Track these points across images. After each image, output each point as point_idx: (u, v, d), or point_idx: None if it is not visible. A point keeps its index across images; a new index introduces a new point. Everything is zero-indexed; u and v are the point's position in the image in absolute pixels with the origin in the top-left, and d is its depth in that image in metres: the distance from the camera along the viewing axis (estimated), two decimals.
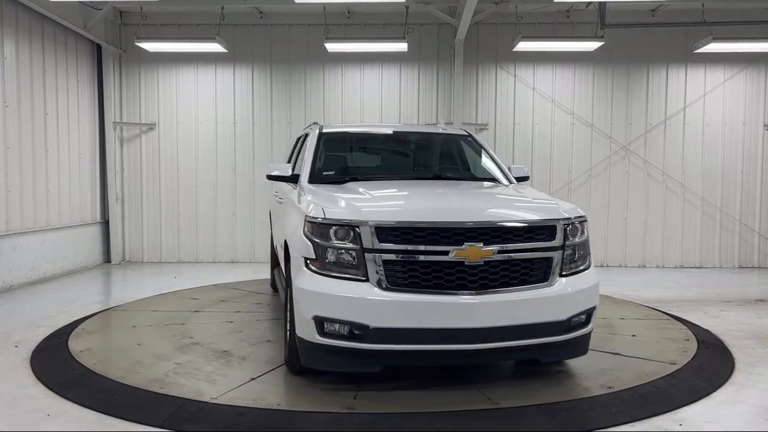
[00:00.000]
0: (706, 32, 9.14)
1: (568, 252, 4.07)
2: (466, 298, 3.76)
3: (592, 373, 4.45)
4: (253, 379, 4.34)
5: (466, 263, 3.77)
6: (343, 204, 4.08)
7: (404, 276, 3.78)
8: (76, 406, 3.89)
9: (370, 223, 3.81)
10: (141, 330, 5.68)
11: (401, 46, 9.40)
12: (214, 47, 9.43)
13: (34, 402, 3.99)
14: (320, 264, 3.88)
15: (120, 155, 10.45)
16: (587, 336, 4.24)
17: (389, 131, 6.41)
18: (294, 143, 7.09)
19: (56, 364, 4.74)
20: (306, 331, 3.90)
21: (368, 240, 3.78)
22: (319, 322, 3.82)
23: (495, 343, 3.82)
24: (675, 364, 4.71)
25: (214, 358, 4.80)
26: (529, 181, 5.67)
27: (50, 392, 4.15)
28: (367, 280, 3.78)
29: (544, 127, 10.26)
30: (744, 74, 10.13)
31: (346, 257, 3.83)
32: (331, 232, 3.87)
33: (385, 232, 3.80)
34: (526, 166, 9.77)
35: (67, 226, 9.27)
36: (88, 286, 8.39)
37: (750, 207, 10.23)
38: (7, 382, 4.37)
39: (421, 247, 3.78)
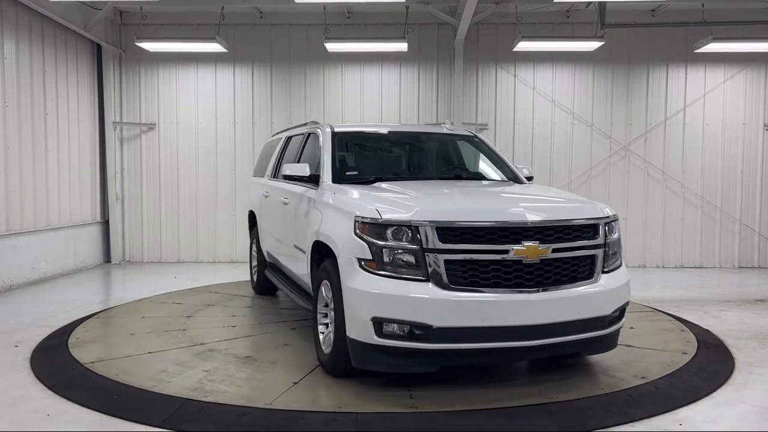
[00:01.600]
0: (706, 32, 9.14)
1: (608, 249, 4.22)
2: (525, 296, 3.83)
3: (612, 366, 4.51)
4: (295, 383, 4.25)
5: (523, 262, 3.84)
6: (397, 204, 4.07)
7: (465, 275, 3.81)
8: (76, 406, 3.89)
9: (431, 223, 3.82)
10: (141, 336, 5.58)
11: (401, 46, 9.40)
12: (214, 47, 9.43)
13: (34, 402, 3.99)
14: (377, 264, 3.85)
15: (120, 155, 10.45)
16: (619, 330, 4.41)
17: (400, 131, 6.27)
18: (283, 144, 6.77)
19: (56, 364, 4.74)
20: (362, 332, 3.87)
21: (429, 240, 3.80)
22: (378, 323, 3.79)
23: (550, 339, 3.92)
24: (674, 364, 4.71)
25: (241, 364, 4.65)
26: (533, 181, 5.73)
27: (50, 392, 4.15)
28: (427, 280, 3.78)
29: (544, 127, 10.26)
30: (744, 74, 10.13)
31: (406, 257, 3.83)
32: (389, 232, 3.86)
33: (446, 232, 3.82)
34: (527, 165, 9.79)
35: (67, 226, 9.27)
36: (88, 286, 8.38)
37: (750, 207, 10.23)
38: (7, 382, 4.37)
39: (483, 247, 3.82)
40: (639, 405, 3.91)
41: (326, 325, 4.50)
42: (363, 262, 3.90)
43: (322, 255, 4.53)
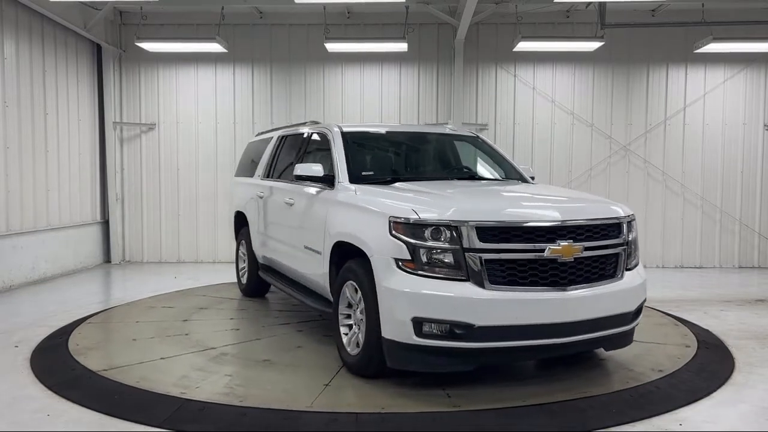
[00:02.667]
0: (706, 32, 9.15)
1: (630, 248, 4.35)
2: (561, 294, 3.90)
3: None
4: (326, 384, 4.22)
5: (558, 260, 3.91)
6: (433, 204, 4.10)
7: (503, 274, 3.85)
8: (76, 406, 3.89)
9: (470, 223, 3.85)
10: (145, 342, 5.44)
11: (401, 46, 9.40)
12: (214, 47, 9.43)
13: (34, 402, 3.99)
14: (415, 264, 3.86)
15: (120, 155, 10.45)
16: (635, 326, 4.49)
17: (409, 131, 6.26)
18: (276, 144, 6.69)
19: (56, 364, 4.73)
20: (400, 332, 3.86)
21: (469, 240, 3.83)
22: (418, 323, 3.80)
23: (583, 335, 4.02)
24: (673, 364, 4.71)
25: (262, 368, 4.59)
26: (534, 181, 5.82)
27: (50, 392, 4.14)
28: (467, 279, 3.81)
29: (544, 127, 10.26)
30: (744, 74, 10.13)
31: (444, 257, 3.84)
32: (427, 232, 3.87)
33: (486, 231, 3.87)
34: (527, 165, 9.79)
35: (67, 226, 9.27)
36: (88, 286, 8.38)
37: (750, 207, 10.23)
38: (7, 382, 4.37)
39: (521, 246, 3.88)
40: (639, 405, 3.91)
41: (349, 326, 4.50)
42: (400, 263, 3.90)
43: (343, 256, 4.54)
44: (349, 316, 4.52)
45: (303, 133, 6.16)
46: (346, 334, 4.50)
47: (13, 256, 8.00)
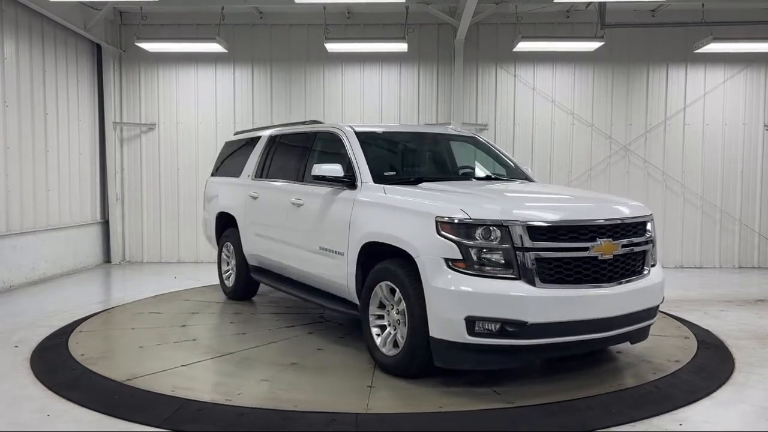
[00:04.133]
0: (706, 32, 9.15)
1: (653, 245, 4.54)
2: (605, 290, 4.05)
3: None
4: (370, 386, 4.21)
5: (599, 258, 4.05)
6: (480, 204, 4.15)
7: (551, 272, 3.94)
8: (76, 406, 3.89)
9: (521, 222, 3.93)
10: (153, 349, 5.27)
11: (401, 47, 9.40)
12: (214, 47, 9.43)
13: (34, 402, 3.99)
14: (466, 264, 3.90)
15: (120, 155, 10.45)
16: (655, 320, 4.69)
17: (418, 132, 6.27)
18: (267, 144, 6.57)
19: (56, 364, 4.73)
20: (452, 331, 3.90)
21: (520, 239, 3.90)
22: (471, 322, 3.83)
23: (621, 329, 4.19)
24: (673, 365, 4.72)
25: (294, 372, 4.52)
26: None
27: (50, 392, 4.14)
28: (518, 277, 3.88)
29: (544, 127, 10.25)
30: (744, 74, 10.13)
31: (496, 256, 3.90)
32: (478, 231, 3.91)
33: (537, 230, 3.95)
34: (527, 165, 9.78)
35: (67, 226, 9.27)
36: (88, 286, 8.39)
37: (750, 207, 10.23)
38: (7, 382, 4.37)
39: (568, 245, 4.00)
40: (639, 405, 3.91)
41: (380, 327, 4.52)
42: (450, 262, 3.93)
43: (373, 256, 4.56)
44: (380, 317, 4.53)
45: (303, 133, 6.11)
46: (379, 335, 4.51)
47: (13, 256, 8.00)
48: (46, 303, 7.14)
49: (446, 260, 3.93)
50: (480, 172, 5.87)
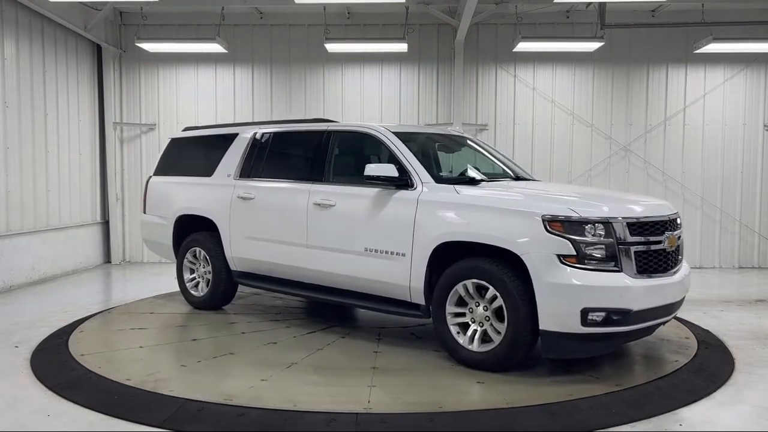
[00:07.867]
0: (706, 32, 9.15)
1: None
2: (674, 278, 4.54)
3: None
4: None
5: (666, 249, 4.52)
6: (582, 204, 4.42)
7: (641, 264, 4.34)
8: (76, 407, 3.89)
9: (621, 219, 4.30)
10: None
11: (401, 47, 9.40)
12: (214, 47, 9.44)
13: (34, 402, 3.99)
14: (576, 259, 4.16)
15: (120, 155, 10.45)
16: None
17: (443, 134, 6.56)
18: (250, 141, 6.23)
19: (56, 365, 4.74)
20: (567, 323, 4.15)
21: (621, 234, 4.27)
22: (585, 313, 4.10)
23: (674, 313, 4.73)
24: (673, 365, 4.72)
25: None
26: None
27: (50, 392, 4.15)
28: (620, 270, 4.22)
29: (544, 128, 10.25)
30: (744, 74, 10.13)
31: (602, 251, 4.20)
32: (587, 228, 4.20)
33: (634, 226, 4.35)
34: (527, 166, 9.81)
35: (67, 227, 9.27)
36: (88, 286, 8.39)
37: (750, 207, 10.23)
38: (7, 383, 4.37)
39: (655, 238, 4.43)
40: (639, 405, 3.91)
41: (460, 325, 4.62)
42: (563, 258, 4.16)
43: (444, 256, 4.66)
44: (459, 315, 4.63)
45: (314, 131, 5.81)
46: (459, 333, 4.61)
47: (13, 256, 8.00)
48: (46, 303, 7.14)
49: (559, 256, 4.16)
50: (509, 173, 6.00)
